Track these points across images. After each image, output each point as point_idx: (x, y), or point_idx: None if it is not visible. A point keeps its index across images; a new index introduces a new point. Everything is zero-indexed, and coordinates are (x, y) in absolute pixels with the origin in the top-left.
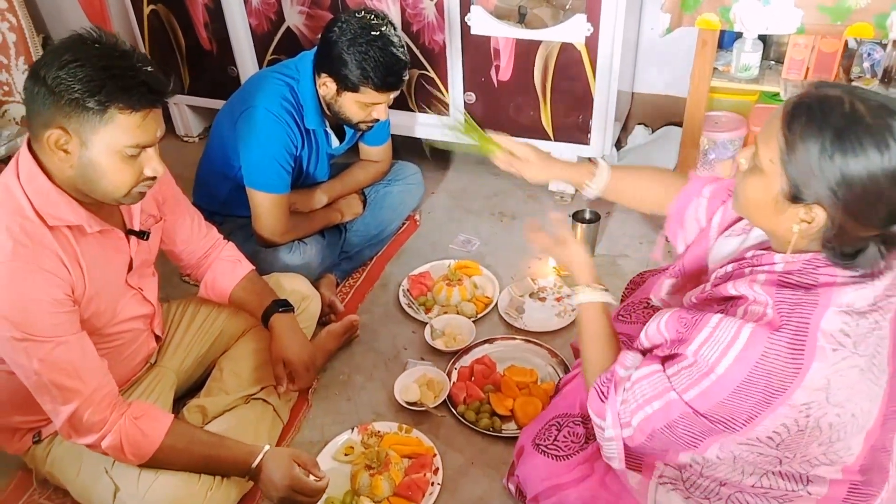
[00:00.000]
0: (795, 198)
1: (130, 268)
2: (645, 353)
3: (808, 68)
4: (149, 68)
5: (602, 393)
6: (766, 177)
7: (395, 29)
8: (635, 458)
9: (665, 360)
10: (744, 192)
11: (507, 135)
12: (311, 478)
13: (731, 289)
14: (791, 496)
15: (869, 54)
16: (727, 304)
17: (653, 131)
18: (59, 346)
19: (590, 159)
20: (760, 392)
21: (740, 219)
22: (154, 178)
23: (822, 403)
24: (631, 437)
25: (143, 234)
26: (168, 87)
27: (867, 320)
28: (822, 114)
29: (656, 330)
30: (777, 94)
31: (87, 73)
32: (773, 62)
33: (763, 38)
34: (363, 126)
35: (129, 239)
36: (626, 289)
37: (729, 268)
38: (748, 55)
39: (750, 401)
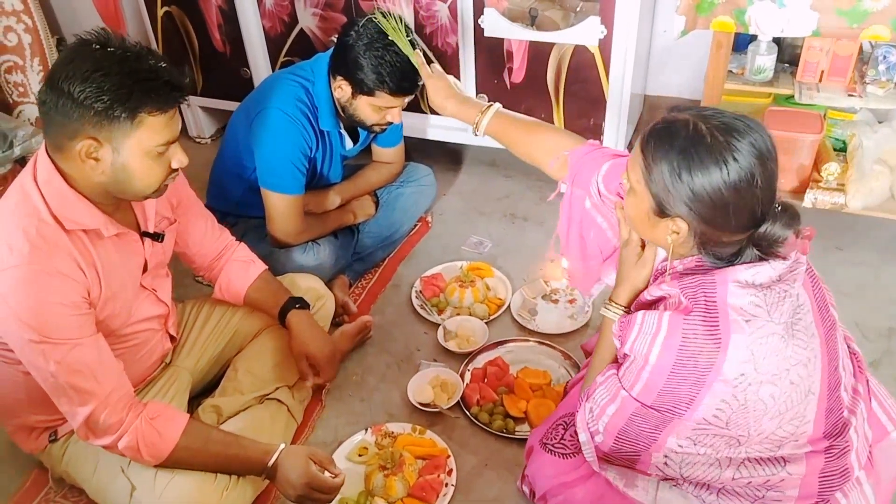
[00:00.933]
0: (661, 212)
1: (145, 269)
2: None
3: (822, 71)
4: (164, 65)
5: (581, 401)
6: (638, 196)
7: (411, 34)
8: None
9: (619, 364)
10: (626, 209)
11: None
12: (327, 474)
13: (646, 295)
14: (774, 481)
15: (885, 57)
16: (653, 306)
17: None
18: (75, 348)
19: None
20: (691, 372)
21: None
22: (178, 170)
23: (751, 374)
24: (603, 443)
25: (157, 237)
26: (186, 79)
27: (774, 291)
28: (669, 137)
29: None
30: (791, 97)
31: (113, 82)
32: (787, 65)
33: (778, 41)
34: (377, 128)
35: (143, 241)
36: None
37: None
38: (763, 58)
39: (686, 383)
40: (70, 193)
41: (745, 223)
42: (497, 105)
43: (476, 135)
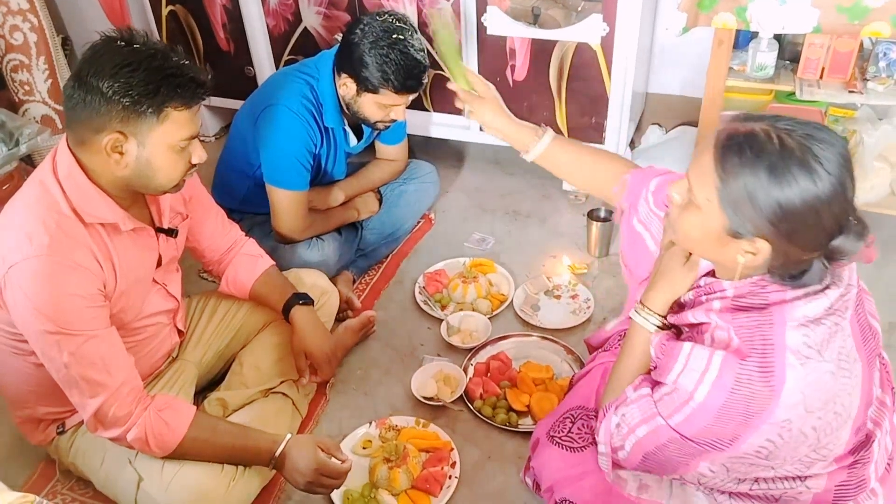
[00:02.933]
0: (737, 233)
1: (158, 264)
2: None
3: (823, 68)
4: (187, 62)
5: (604, 412)
6: (703, 214)
7: (416, 32)
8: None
9: (656, 383)
10: (683, 228)
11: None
12: (335, 461)
13: (691, 317)
14: (790, 493)
15: (885, 53)
16: (694, 329)
17: (667, 131)
18: (89, 340)
19: (540, 125)
20: (741, 415)
21: None
22: (196, 165)
23: (801, 415)
24: (627, 460)
25: (171, 232)
26: (209, 76)
27: (825, 325)
28: (753, 150)
29: (652, 352)
30: (792, 94)
31: (140, 78)
32: (788, 62)
33: (778, 38)
34: (381, 126)
35: (158, 236)
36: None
37: (690, 295)
38: (764, 55)
39: (732, 423)
40: (90, 188)
41: (828, 238)
42: (551, 131)
43: (525, 158)
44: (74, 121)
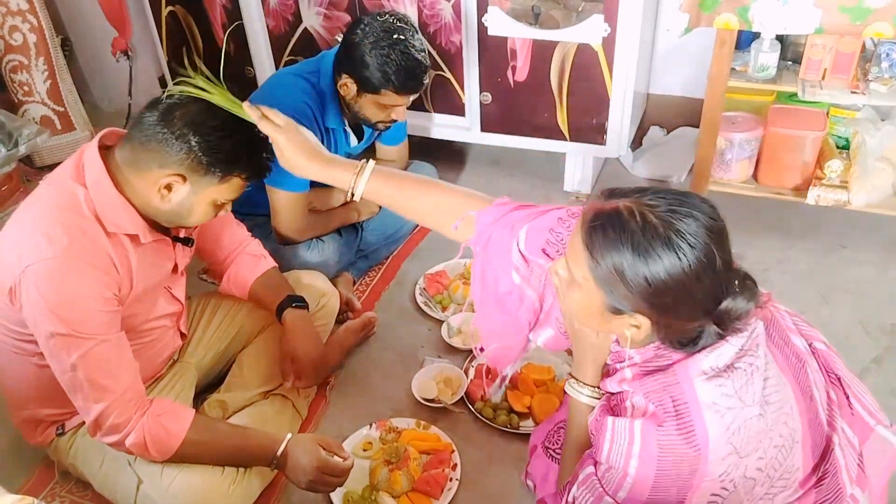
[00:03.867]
0: (617, 310)
1: (174, 271)
2: None
3: (825, 69)
4: (266, 137)
5: (561, 493)
6: (584, 292)
7: (417, 32)
8: None
9: (597, 462)
10: (567, 305)
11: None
12: (337, 459)
13: (609, 386)
14: None
15: (888, 54)
16: (616, 398)
17: (668, 132)
18: (100, 344)
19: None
20: (675, 481)
21: None
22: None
23: (736, 463)
24: None
25: (188, 241)
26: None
27: (740, 370)
28: (616, 230)
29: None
30: (794, 95)
31: (228, 146)
32: (790, 62)
33: (781, 39)
34: (381, 126)
35: (174, 245)
36: None
37: (609, 361)
38: (766, 55)
39: (672, 490)
40: (117, 198)
41: (708, 307)
42: (372, 162)
43: (350, 199)
44: (141, 147)
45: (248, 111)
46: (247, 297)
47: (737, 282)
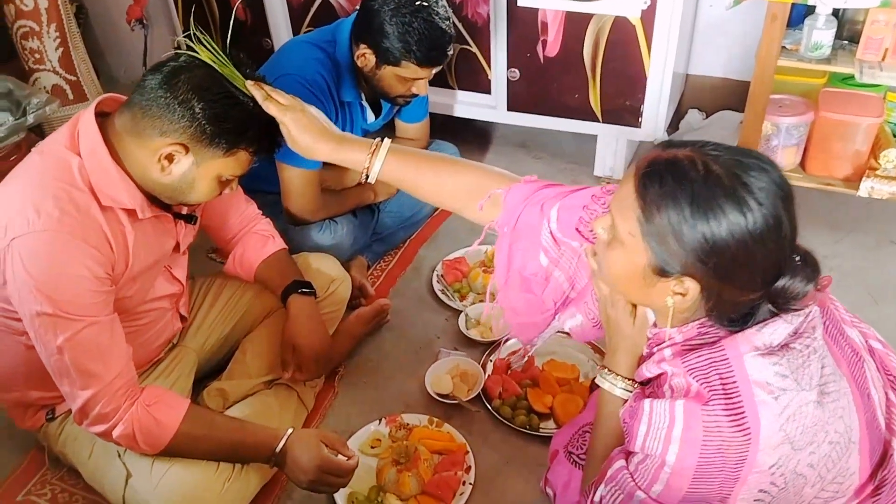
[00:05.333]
0: (663, 271)
1: (175, 250)
2: None
3: (887, 49)
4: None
5: (585, 494)
6: (628, 250)
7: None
8: None
9: (630, 453)
10: (608, 266)
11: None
12: (340, 457)
13: (645, 372)
14: None
15: None
16: (653, 385)
17: (707, 116)
18: (88, 326)
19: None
20: (721, 470)
21: None
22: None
23: (789, 455)
24: None
25: (191, 219)
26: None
27: (796, 350)
28: (675, 179)
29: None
30: (849, 77)
31: (236, 115)
32: (846, 41)
33: (837, 15)
34: (401, 101)
35: (176, 223)
36: None
37: (644, 349)
38: (820, 32)
39: (716, 481)
40: (113, 169)
41: (767, 278)
42: (388, 141)
43: (365, 181)
44: (141, 113)
45: (251, 89)
46: (252, 279)
47: (797, 259)
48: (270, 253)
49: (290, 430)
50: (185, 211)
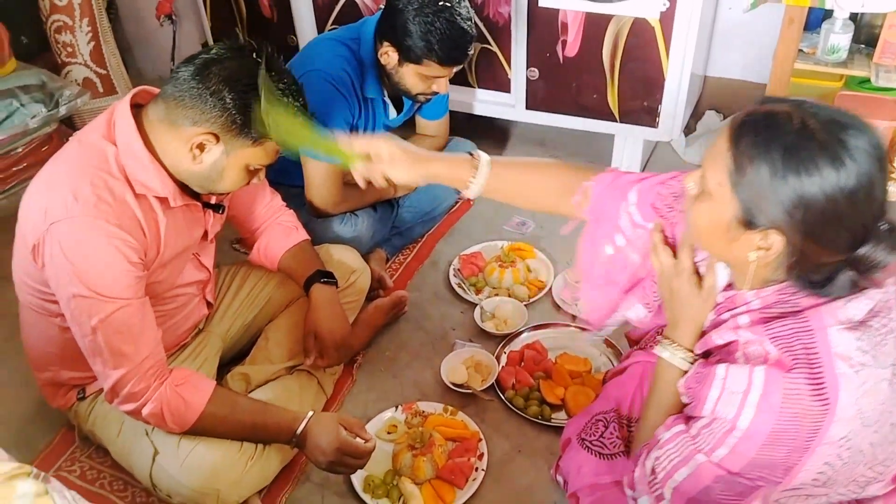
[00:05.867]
0: (749, 223)
1: (204, 238)
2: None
3: None
4: (304, 103)
5: (636, 459)
6: (715, 202)
7: (464, 0)
8: None
9: (688, 419)
10: (694, 219)
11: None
12: (358, 440)
13: (716, 339)
14: None
15: None
16: (721, 351)
17: (724, 117)
18: (122, 308)
19: (470, 153)
20: (793, 438)
21: None
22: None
23: (857, 430)
24: None
25: (219, 208)
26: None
27: (873, 328)
28: (770, 131)
29: (681, 388)
30: (866, 80)
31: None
32: (863, 45)
33: (854, 19)
34: (422, 98)
35: (205, 212)
36: None
37: (711, 315)
38: (837, 36)
39: (784, 449)
40: (147, 158)
41: (851, 240)
42: (485, 157)
43: (463, 197)
44: (175, 103)
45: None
46: (276, 268)
47: (884, 226)
48: (294, 243)
49: (310, 413)
50: (213, 200)
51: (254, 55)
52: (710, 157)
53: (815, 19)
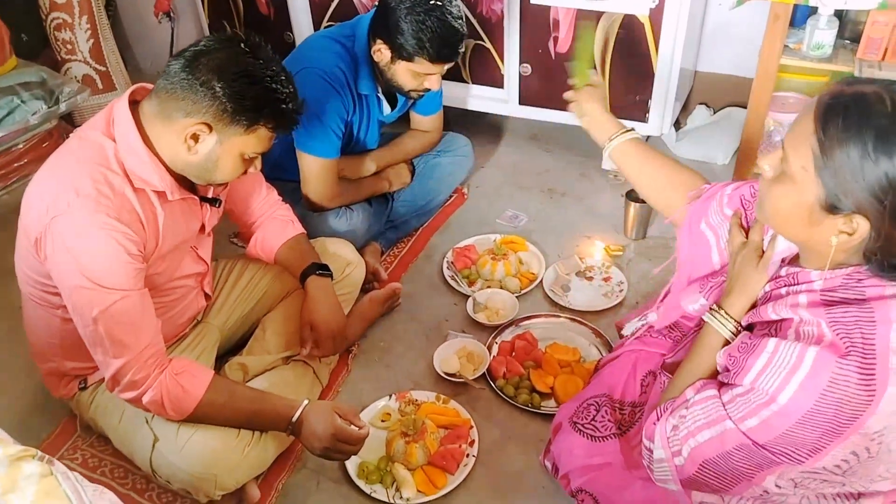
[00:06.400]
0: (834, 207)
1: (201, 231)
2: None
3: (886, 49)
4: (294, 89)
5: (659, 413)
6: (797, 185)
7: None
8: None
9: (721, 385)
10: (771, 202)
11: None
12: (353, 427)
13: (771, 313)
14: None
15: None
16: (771, 327)
17: (715, 112)
18: (122, 299)
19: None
20: (829, 422)
21: None
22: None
23: (893, 427)
24: (682, 468)
25: (215, 202)
26: (304, 111)
27: None
28: (861, 114)
29: (719, 359)
30: (850, 75)
31: (255, 93)
32: (847, 41)
33: (839, 15)
34: (414, 95)
35: (202, 205)
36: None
37: (767, 287)
38: (822, 32)
39: (817, 431)
40: (144, 152)
41: None
42: (635, 131)
43: (605, 155)
44: (167, 96)
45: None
46: (273, 261)
47: None
48: (290, 237)
49: (305, 401)
50: (211, 194)
51: (241, 45)
52: (792, 140)
53: (802, 16)
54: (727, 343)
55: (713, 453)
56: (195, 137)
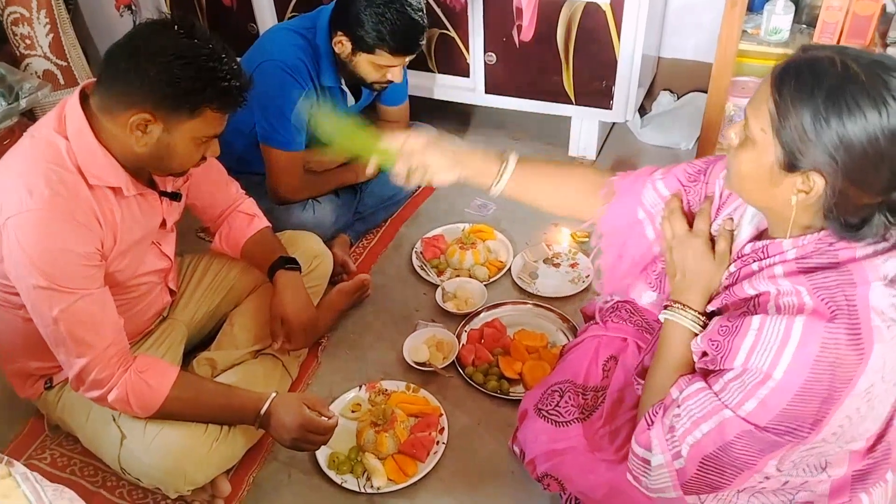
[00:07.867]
0: (791, 166)
1: (162, 227)
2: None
3: (841, 32)
4: (237, 67)
5: (649, 419)
6: (758, 148)
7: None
8: None
9: (706, 376)
10: (736, 167)
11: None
12: (322, 417)
13: (748, 289)
14: (811, 482)
15: None
16: (748, 303)
17: (678, 98)
18: (81, 298)
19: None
20: (826, 388)
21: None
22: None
23: (878, 383)
24: (683, 470)
25: (175, 196)
26: (251, 86)
27: None
28: (812, 75)
29: (695, 348)
30: None
31: (191, 74)
32: (804, 26)
33: (795, 0)
34: (377, 87)
35: (162, 200)
36: None
37: (732, 268)
38: (779, 17)
39: (816, 400)
40: (98, 149)
41: (891, 181)
42: (513, 158)
43: (491, 192)
44: (108, 88)
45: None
46: (239, 256)
47: None
48: (255, 231)
49: (273, 394)
50: (170, 188)
51: (175, 27)
52: (752, 105)
53: (759, 1)
54: (695, 336)
55: (713, 447)
56: (141, 128)
